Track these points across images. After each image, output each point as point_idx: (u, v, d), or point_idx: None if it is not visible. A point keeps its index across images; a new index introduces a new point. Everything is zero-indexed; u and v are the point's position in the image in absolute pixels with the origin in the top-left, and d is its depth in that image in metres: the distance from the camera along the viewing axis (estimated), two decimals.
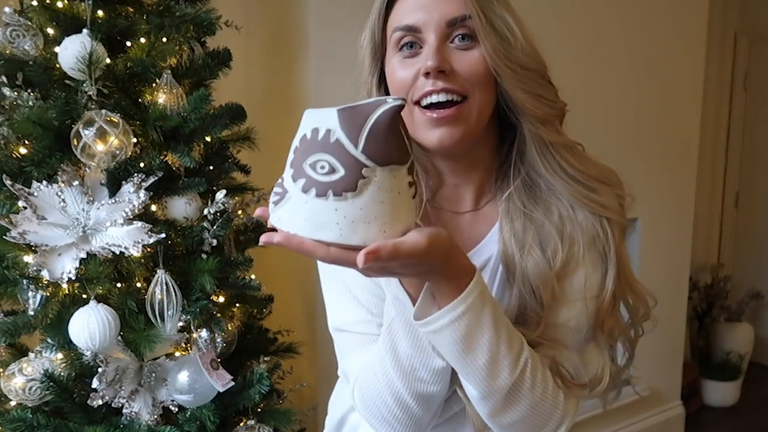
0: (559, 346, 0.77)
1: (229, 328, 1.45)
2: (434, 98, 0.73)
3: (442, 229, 0.61)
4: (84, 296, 1.28)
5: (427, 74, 0.72)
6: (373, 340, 0.78)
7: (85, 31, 1.27)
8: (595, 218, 0.78)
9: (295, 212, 0.56)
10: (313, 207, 0.55)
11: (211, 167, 1.45)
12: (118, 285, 1.30)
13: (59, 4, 1.30)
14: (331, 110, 0.56)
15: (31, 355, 1.31)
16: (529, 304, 0.77)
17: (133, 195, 1.26)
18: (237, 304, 1.52)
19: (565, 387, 0.75)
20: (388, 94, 0.80)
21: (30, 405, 1.29)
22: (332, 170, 0.55)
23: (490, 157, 0.83)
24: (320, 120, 0.56)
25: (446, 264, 0.62)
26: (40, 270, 1.21)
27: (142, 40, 1.34)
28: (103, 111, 1.25)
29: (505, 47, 0.73)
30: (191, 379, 1.33)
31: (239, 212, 1.51)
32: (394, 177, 0.57)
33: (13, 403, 1.32)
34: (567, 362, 0.77)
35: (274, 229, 0.59)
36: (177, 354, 1.38)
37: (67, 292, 1.28)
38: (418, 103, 0.75)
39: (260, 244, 0.57)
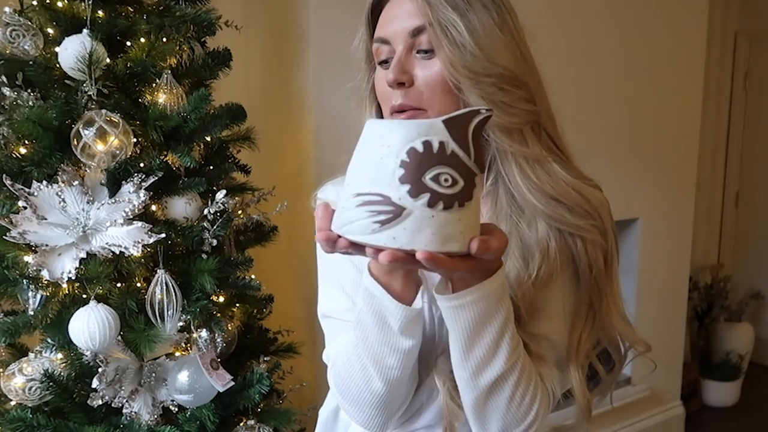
0: (541, 362, 0.78)
1: (229, 328, 1.45)
2: (401, 114, 0.77)
3: (495, 225, 0.65)
4: (84, 296, 1.28)
5: (391, 86, 0.76)
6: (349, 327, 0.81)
7: (85, 31, 1.27)
8: (569, 236, 0.78)
9: (419, 228, 0.55)
10: (441, 220, 0.56)
11: (211, 167, 1.45)
12: (118, 285, 1.30)
13: (59, 4, 1.30)
14: (435, 122, 0.57)
15: (31, 355, 1.31)
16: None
17: (133, 195, 1.26)
18: (237, 304, 1.52)
19: (541, 403, 0.76)
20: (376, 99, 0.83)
21: (30, 405, 1.29)
22: (455, 182, 0.56)
23: None
24: (427, 132, 0.56)
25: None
26: (40, 270, 1.21)
27: (142, 40, 1.34)
28: (103, 111, 1.25)
29: (459, 54, 0.73)
30: (191, 379, 1.33)
31: (239, 212, 1.51)
32: (481, 181, 0.61)
33: (13, 403, 1.32)
34: (548, 380, 0.78)
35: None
36: (177, 354, 1.38)
37: (67, 292, 1.28)
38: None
39: (383, 262, 0.56)
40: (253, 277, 1.50)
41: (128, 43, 1.35)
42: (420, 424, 0.85)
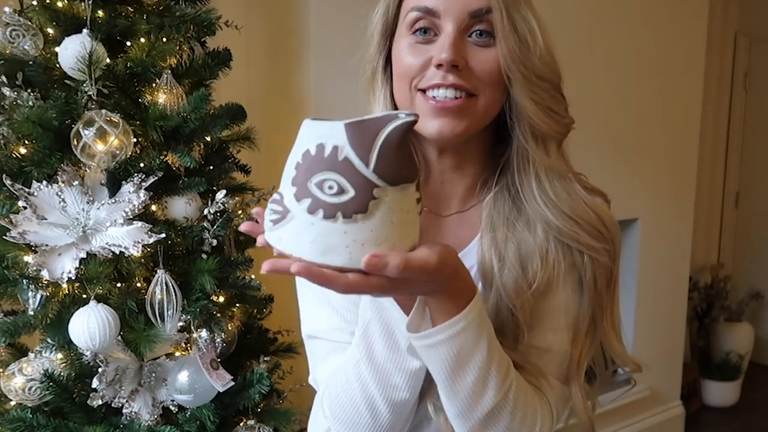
0: (542, 376, 0.74)
1: (229, 328, 1.45)
2: (441, 92, 0.69)
3: (450, 246, 0.59)
4: (84, 296, 1.28)
5: (439, 66, 0.68)
6: (344, 349, 0.75)
7: (85, 31, 1.27)
8: (585, 255, 0.74)
9: (300, 234, 0.52)
10: (321, 229, 0.52)
11: (211, 167, 1.45)
12: (118, 285, 1.30)
13: (59, 4, 1.30)
14: (337, 124, 0.52)
15: (31, 355, 1.31)
16: (506, 321, 0.72)
17: (133, 195, 1.26)
18: (237, 304, 1.51)
19: (543, 423, 0.72)
20: (392, 75, 0.76)
21: (30, 405, 1.29)
22: (341, 191, 0.51)
23: (483, 158, 0.79)
24: (325, 134, 0.52)
25: (452, 282, 0.59)
26: (40, 270, 1.21)
27: (142, 40, 1.34)
28: (103, 111, 1.25)
29: (522, 51, 0.69)
30: (191, 379, 1.33)
31: (239, 212, 1.51)
32: (404, 196, 0.53)
33: (13, 403, 1.32)
34: (549, 395, 0.74)
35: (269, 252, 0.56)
36: (177, 354, 1.38)
37: (67, 292, 1.28)
38: (421, 90, 0.71)
39: (263, 271, 0.51)
40: (253, 277, 1.50)
41: (128, 43, 1.35)
42: None
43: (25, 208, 1.22)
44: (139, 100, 1.34)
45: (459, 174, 0.78)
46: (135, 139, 1.30)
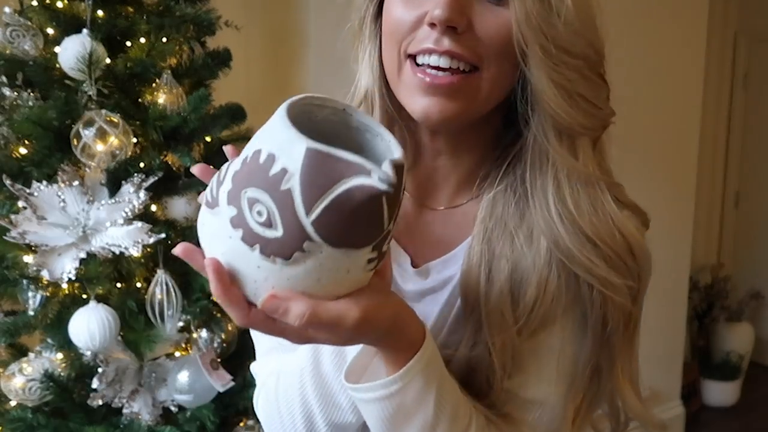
0: (514, 424, 0.59)
1: (229, 328, 1.45)
2: (433, 60, 0.54)
3: (390, 298, 0.50)
4: (84, 296, 1.28)
5: (432, 25, 0.54)
6: (287, 349, 0.63)
7: (85, 31, 1.27)
8: (594, 289, 0.57)
9: (216, 236, 0.45)
10: (235, 247, 0.44)
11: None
12: (118, 285, 1.30)
13: (59, 4, 1.30)
14: (301, 141, 0.41)
15: (31, 355, 1.31)
16: (481, 360, 0.58)
17: (133, 195, 1.26)
18: None
19: None
20: (381, 31, 0.61)
21: (30, 405, 1.29)
22: (269, 224, 0.42)
23: (486, 145, 0.64)
24: (282, 147, 0.42)
25: (387, 338, 0.50)
26: (40, 270, 1.21)
27: (142, 40, 1.34)
28: (103, 111, 1.25)
29: (543, 15, 0.52)
30: (191, 379, 1.33)
31: None
32: (347, 258, 0.44)
33: (13, 403, 1.32)
34: None
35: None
36: (177, 354, 1.38)
37: (67, 292, 1.28)
38: (412, 56, 0.57)
39: (176, 252, 0.46)
40: None
41: (128, 43, 1.35)
42: None
43: (25, 208, 1.22)
44: (139, 100, 1.34)
45: (453, 161, 0.64)
46: (135, 139, 1.30)
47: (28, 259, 1.24)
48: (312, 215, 0.41)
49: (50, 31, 1.31)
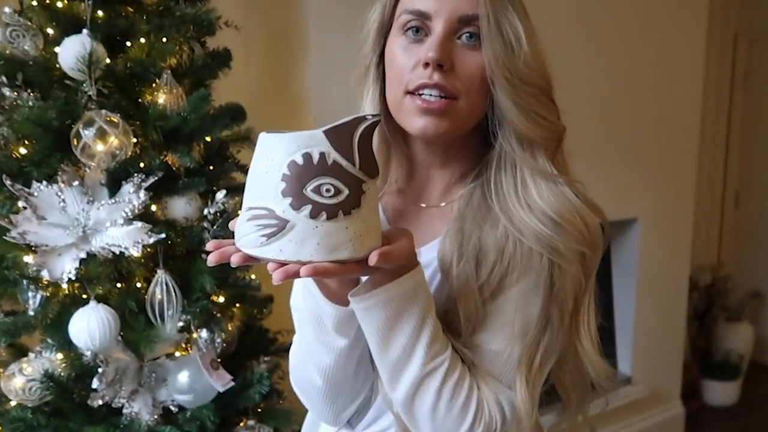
0: (485, 375, 0.74)
1: (229, 328, 1.45)
2: (427, 92, 0.72)
3: (407, 230, 0.68)
4: (84, 296, 1.28)
5: (426, 65, 0.71)
6: None
7: (85, 31, 1.27)
8: (544, 257, 0.73)
9: (304, 239, 0.56)
10: (326, 230, 0.56)
11: (211, 167, 1.45)
12: (118, 285, 1.30)
13: (59, 4, 1.30)
14: (316, 133, 0.56)
15: (31, 355, 1.31)
16: (454, 316, 0.75)
17: (133, 195, 1.26)
18: (237, 304, 1.51)
19: (477, 415, 0.72)
20: (384, 72, 0.79)
21: (30, 405, 1.29)
22: (338, 191, 0.56)
23: (467, 157, 0.82)
24: (307, 144, 0.56)
25: (408, 261, 0.67)
26: (40, 270, 1.21)
27: (142, 40, 1.34)
28: (103, 111, 1.25)
29: (507, 55, 0.71)
30: (191, 379, 1.33)
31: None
32: (375, 187, 0.61)
33: (13, 403, 1.32)
34: (491, 394, 0.73)
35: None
36: (177, 354, 1.38)
37: (67, 292, 1.28)
38: (410, 92, 0.74)
39: (275, 282, 0.56)
40: (253, 277, 1.50)
41: (128, 43, 1.35)
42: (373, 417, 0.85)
43: (25, 208, 1.22)
44: (139, 100, 1.34)
45: (443, 171, 0.82)
46: (135, 139, 1.30)
47: (28, 259, 1.24)
48: (356, 164, 0.57)
49: (50, 31, 1.31)
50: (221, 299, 1.45)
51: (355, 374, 0.79)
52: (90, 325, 1.22)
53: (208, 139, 1.45)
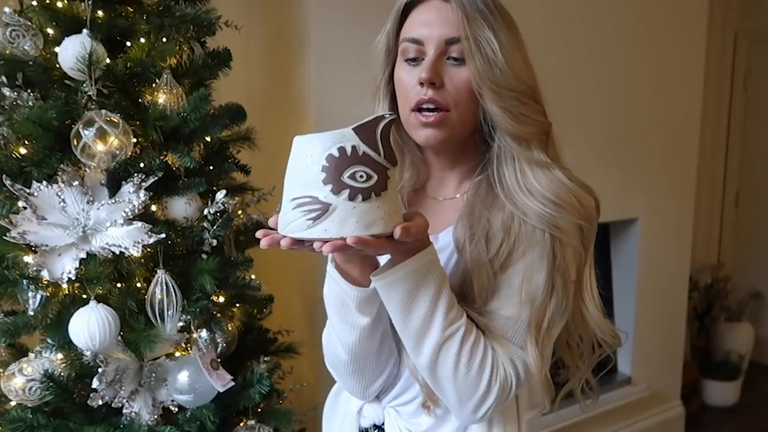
0: (499, 337, 0.84)
1: (229, 328, 1.45)
2: (424, 106, 0.85)
3: (421, 212, 0.77)
4: (84, 296, 1.28)
5: (421, 84, 0.83)
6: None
7: (85, 31, 1.27)
8: (546, 233, 0.83)
9: (345, 219, 0.67)
10: (362, 209, 0.67)
11: (211, 167, 1.45)
12: (118, 285, 1.30)
13: (59, 4, 1.30)
14: (346, 130, 0.68)
15: (31, 355, 1.31)
16: (469, 289, 0.85)
17: (133, 195, 1.26)
18: (237, 304, 1.52)
19: (494, 373, 0.82)
20: (394, 92, 0.92)
21: (30, 405, 1.29)
22: (369, 177, 0.68)
23: (471, 156, 0.94)
24: (340, 140, 0.68)
25: (422, 240, 0.76)
26: (40, 270, 1.21)
27: (142, 40, 1.34)
28: (103, 111, 1.25)
29: (488, 69, 0.82)
30: (191, 379, 1.33)
31: (239, 212, 1.51)
32: (396, 173, 0.72)
33: (13, 403, 1.32)
34: (504, 354, 0.83)
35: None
36: (177, 354, 1.38)
37: (67, 292, 1.28)
38: (413, 109, 0.86)
39: (324, 251, 0.67)
40: (253, 277, 1.50)
41: (128, 43, 1.35)
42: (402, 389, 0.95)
43: (25, 208, 1.22)
44: (139, 100, 1.34)
45: (453, 171, 0.96)
46: (135, 139, 1.30)
47: (28, 259, 1.24)
48: (381, 154, 0.69)
49: (50, 31, 1.31)
50: (221, 299, 1.45)
51: (378, 350, 0.90)
52: (90, 325, 1.22)
53: (208, 139, 1.45)
